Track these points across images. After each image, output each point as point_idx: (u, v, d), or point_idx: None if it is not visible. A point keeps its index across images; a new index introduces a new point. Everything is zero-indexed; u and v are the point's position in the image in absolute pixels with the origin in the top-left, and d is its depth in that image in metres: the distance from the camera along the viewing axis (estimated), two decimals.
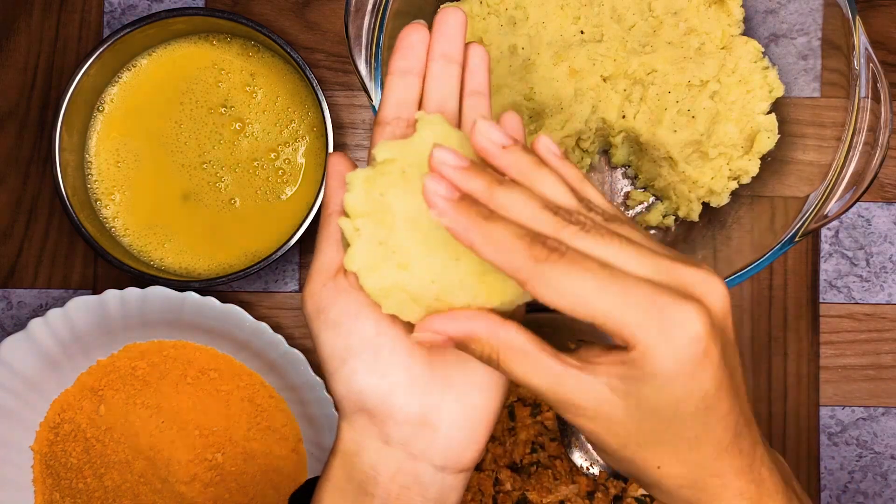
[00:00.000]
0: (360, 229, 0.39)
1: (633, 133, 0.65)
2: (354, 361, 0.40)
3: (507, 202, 0.36)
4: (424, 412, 0.41)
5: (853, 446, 0.71)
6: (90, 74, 0.65)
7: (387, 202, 0.38)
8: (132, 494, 0.67)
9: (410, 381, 0.41)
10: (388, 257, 0.38)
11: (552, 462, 0.67)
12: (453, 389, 0.41)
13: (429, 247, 0.38)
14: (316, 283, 0.42)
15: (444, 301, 0.38)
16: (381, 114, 0.44)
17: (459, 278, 0.38)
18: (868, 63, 0.56)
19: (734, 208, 0.66)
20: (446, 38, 0.45)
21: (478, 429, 0.42)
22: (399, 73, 0.45)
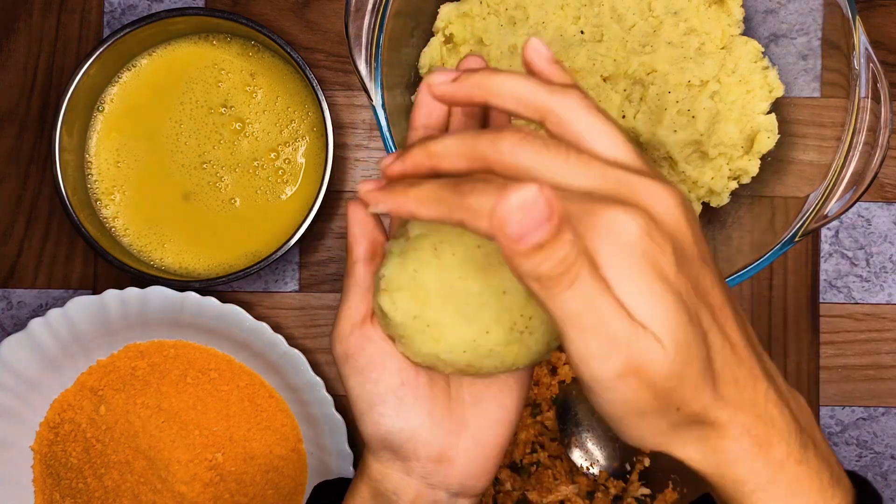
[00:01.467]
0: (398, 304, 0.41)
1: (633, 133, 0.65)
2: (381, 407, 0.43)
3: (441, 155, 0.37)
4: (443, 450, 0.44)
5: (853, 446, 0.71)
6: (90, 74, 0.65)
7: (420, 278, 0.41)
8: (132, 494, 0.67)
9: (432, 424, 0.43)
10: (423, 331, 0.41)
11: (552, 462, 0.67)
12: (469, 429, 0.44)
13: (460, 321, 0.41)
14: (344, 329, 0.44)
15: (474, 366, 0.42)
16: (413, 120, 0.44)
17: (489, 348, 0.41)
18: (868, 63, 0.56)
19: (734, 208, 0.66)
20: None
21: (490, 460, 0.45)
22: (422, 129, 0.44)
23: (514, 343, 0.42)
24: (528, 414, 0.68)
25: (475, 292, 0.41)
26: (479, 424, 0.44)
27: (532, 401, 0.68)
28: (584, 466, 0.67)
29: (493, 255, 0.42)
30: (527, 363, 0.43)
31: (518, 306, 0.41)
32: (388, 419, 0.43)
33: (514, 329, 0.42)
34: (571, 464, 0.67)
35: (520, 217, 0.30)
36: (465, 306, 0.41)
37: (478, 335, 0.41)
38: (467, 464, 0.44)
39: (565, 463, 0.67)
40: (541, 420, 0.68)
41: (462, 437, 0.44)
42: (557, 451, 0.68)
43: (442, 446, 0.44)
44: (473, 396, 0.45)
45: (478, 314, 0.41)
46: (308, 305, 0.71)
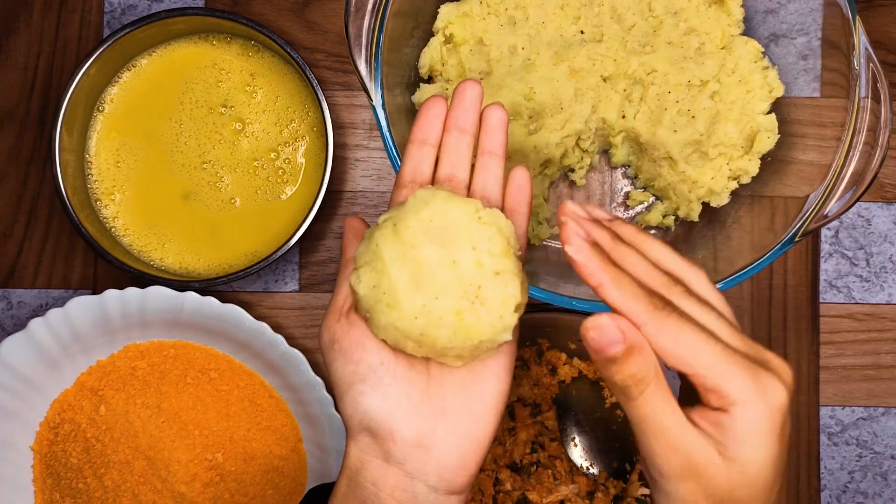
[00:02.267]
0: (361, 277, 0.45)
1: (633, 133, 0.65)
2: (360, 385, 0.45)
3: (627, 257, 0.42)
4: (420, 435, 0.45)
5: (853, 446, 0.71)
6: (90, 74, 0.65)
7: (379, 251, 0.45)
8: (132, 494, 0.67)
9: (409, 406, 0.45)
10: (381, 299, 0.45)
11: (552, 462, 0.67)
12: (448, 416, 0.46)
13: (413, 288, 0.44)
14: (332, 318, 0.47)
15: (428, 336, 0.44)
16: (400, 178, 0.51)
17: (439, 315, 0.44)
18: (868, 63, 0.56)
19: (734, 208, 0.66)
20: (462, 111, 0.50)
21: (469, 454, 0.46)
22: (417, 142, 0.51)
23: (464, 311, 0.44)
24: (528, 414, 0.68)
25: (426, 261, 0.44)
26: (457, 414, 0.46)
27: (532, 401, 0.68)
28: (584, 466, 0.67)
29: (447, 230, 0.45)
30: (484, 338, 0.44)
31: (468, 276, 0.44)
32: (367, 396, 0.45)
33: (464, 297, 0.44)
34: (571, 464, 0.67)
35: (595, 335, 0.38)
36: (417, 274, 0.44)
37: (427, 300, 0.44)
38: (445, 453, 0.45)
39: (565, 463, 0.67)
40: (541, 420, 0.68)
41: (440, 424, 0.45)
42: (557, 451, 0.68)
43: (419, 430, 0.45)
44: (452, 385, 0.46)
45: (429, 281, 0.44)
46: (308, 305, 0.71)
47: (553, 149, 0.65)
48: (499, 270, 0.45)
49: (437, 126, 0.51)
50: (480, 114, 0.51)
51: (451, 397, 0.46)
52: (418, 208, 0.46)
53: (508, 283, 0.45)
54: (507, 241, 0.45)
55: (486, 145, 0.51)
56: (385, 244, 0.45)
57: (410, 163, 0.51)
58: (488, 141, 0.51)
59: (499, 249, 0.45)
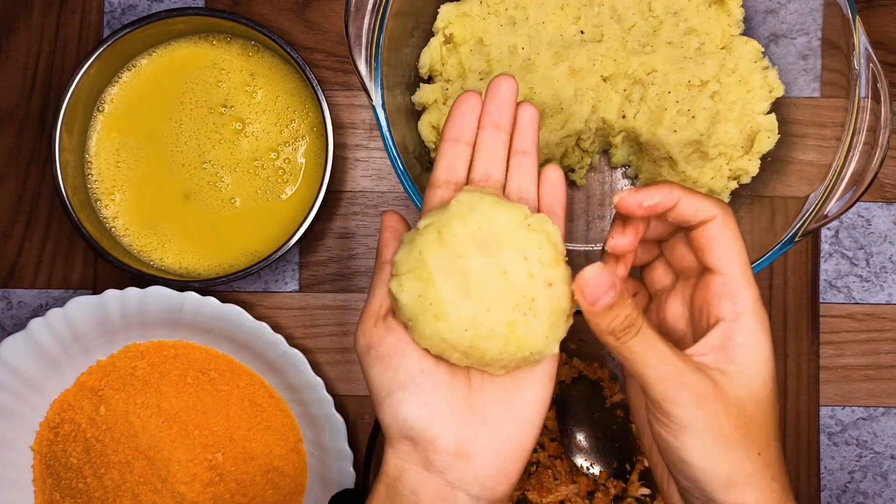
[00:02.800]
0: (404, 285, 0.43)
1: (633, 133, 0.65)
2: (400, 393, 0.44)
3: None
4: (461, 443, 0.44)
5: (853, 446, 0.71)
6: (90, 74, 0.65)
7: (424, 259, 0.43)
8: (132, 494, 0.67)
9: (450, 414, 0.44)
10: (426, 309, 0.43)
11: (552, 462, 0.67)
12: (489, 424, 0.45)
13: (462, 298, 0.42)
14: (368, 323, 0.46)
15: (478, 348, 0.43)
16: (434, 177, 0.49)
17: (490, 328, 0.42)
18: (868, 63, 0.56)
19: (734, 208, 0.66)
20: (497, 107, 0.49)
21: (510, 462, 0.45)
22: (451, 140, 0.49)
23: (516, 323, 0.42)
24: None
25: (475, 270, 0.42)
26: (499, 421, 0.45)
27: None
28: (584, 466, 0.67)
29: (494, 238, 0.43)
30: (533, 350, 0.43)
31: (520, 287, 0.42)
32: (407, 405, 0.44)
33: (516, 309, 0.42)
34: (571, 464, 0.67)
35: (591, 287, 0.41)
36: (465, 285, 0.42)
37: (478, 312, 0.42)
38: (487, 462, 0.44)
39: (565, 463, 0.67)
40: None
41: (482, 432, 0.44)
42: (557, 451, 0.68)
43: (460, 438, 0.44)
44: (493, 392, 0.45)
45: (478, 292, 0.42)
46: (308, 305, 0.71)
47: (553, 149, 0.65)
48: (551, 281, 0.43)
49: (471, 123, 0.49)
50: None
51: (492, 405, 0.45)
52: (464, 214, 0.44)
53: (561, 294, 0.43)
54: (555, 249, 0.44)
55: (518, 144, 0.49)
56: (430, 252, 0.43)
57: (444, 162, 0.49)
58: (521, 139, 0.49)
59: (549, 258, 0.43)
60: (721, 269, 0.45)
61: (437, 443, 0.44)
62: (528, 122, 0.49)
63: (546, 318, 0.43)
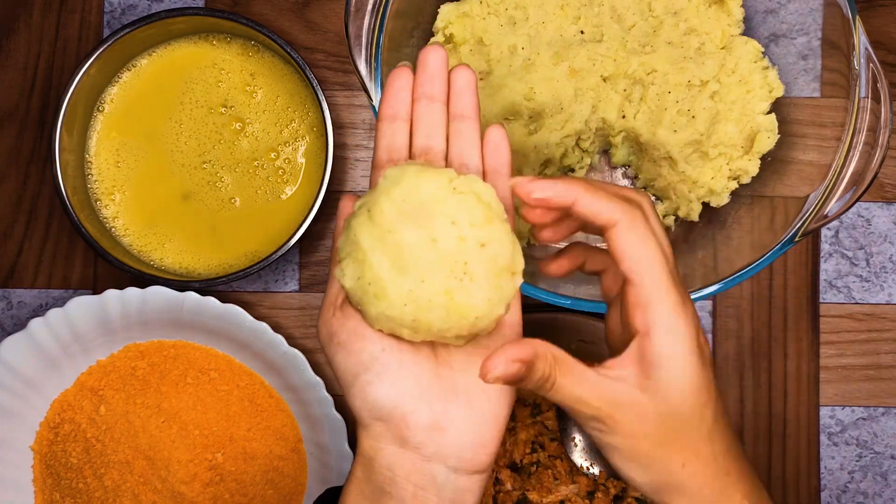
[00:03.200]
0: (345, 270, 0.44)
1: (633, 133, 0.65)
2: (366, 375, 0.44)
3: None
4: (434, 417, 0.44)
5: (853, 446, 0.71)
6: (90, 74, 0.65)
7: (357, 240, 0.43)
8: (132, 494, 0.67)
9: (419, 390, 0.44)
10: (367, 290, 0.43)
11: (552, 462, 0.67)
12: (460, 396, 0.44)
13: (397, 274, 0.42)
14: (327, 313, 0.46)
15: (422, 321, 0.42)
16: (376, 159, 0.48)
17: (428, 298, 0.42)
18: (868, 63, 0.56)
19: (734, 208, 0.66)
20: (428, 78, 0.48)
21: (487, 432, 0.45)
22: (387, 119, 0.48)
23: (453, 290, 0.42)
24: (528, 414, 0.68)
25: (406, 244, 0.42)
26: (470, 392, 0.45)
27: (532, 401, 0.68)
28: (584, 466, 0.67)
29: (422, 207, 0.42)
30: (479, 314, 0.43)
31: (451, 252, 0.42)
32: (374, 386, 0.44)
33: (451, 276, 0.42)
34: (571, 464, 0.67)
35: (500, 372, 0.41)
36: (399, 259, 0.42)
37: (413, 285, 0.42)
38: (462, 434, 0.44)
39: (565, 463, 0.67)
40: (541, 420, 0.68)
41: (454, 404, 0.44)
42: (557, 451, 0.68)
43: (433, 413, 0.44)
44: (461, 364, 0.45)
45: (412, 265, 0.42)
46: (308, 305, 0.71)
47: (553, 149, 0.65)
48: (484, 241, 0.42)
49: (405, 98, 0.48)
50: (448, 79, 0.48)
51: (461, 377, 0.45)
52: (389, 188, 0.43)
53: (497, 253, 0.43)
54: (488, 208, 0.43)
55: (456, 109, 0.48)
56: (362, 232, 0.43)
57: (384, 141, 0.48)
58: (458, 104, 0.48)
59: (480, 218, 0.42)
60: (632, 278, 0.42)
61: (409, 419, 0.44)
62: (465, 85, 0.48)
63: (484, 280, 0.42)
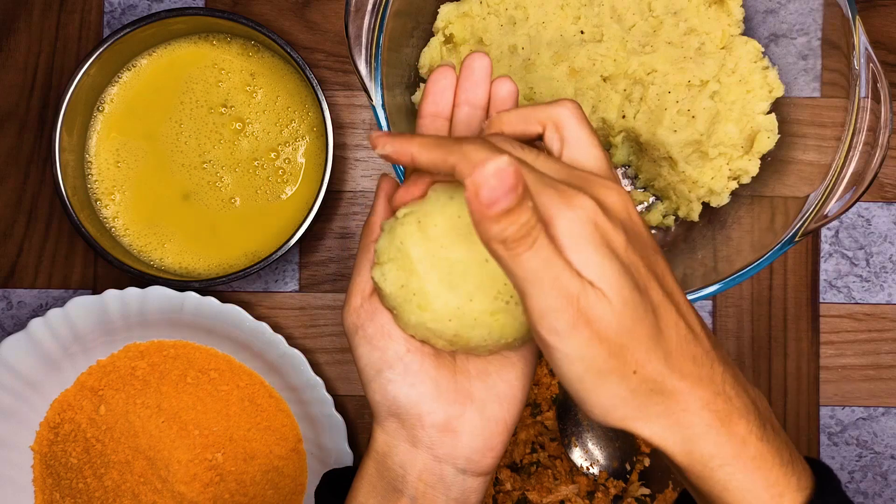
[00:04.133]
0: (386, 275, 0.44)
1: (633, 133, 0.65)
2: (388, 373, 0.45)
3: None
4: (448, 419, 0.45)
5: (853, 446, 0.71)
6: (90, 74, 0.65)
7: (405, 249, 0.43)
8: (132, 494, 0.67)
9: (437, 392, 0.45)
10: (409, 300, 0.43)
11: (552, 462, 0.67)
12: (475, 402, 0.46)
13: (444, 289, 0.43)
14: (355, 301, 0.46)
15: (462, 336, 0.43)
16: None
17: (474, 317, 0.43)
18: (868, 63, 0.56)
19: (734, 208, 0.66)
20: (472, 84, 0.48)
21: (495, 436, 0.46)
22: (430, 116, 0.48)
23: (499, 312, 0.43)
24: (528, 414, 0.68)
25: (457, 260, 0.43)
26: (484, 398, 0.46)
27: (532, 401, 0.68)
28: (584, 466, 0.67)
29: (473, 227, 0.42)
30: (517, 336, 0.44)
31: (501, 275, 0.43)
32: (395, 384, 0.45)
33: (498, 297, 0.43)
34: (571, 464, 0.67)
35: (494, 183, 0.34)
36: (448, 275, 0.43)
37: (462, 302, 0.43)
38: (473, 438, 0.45)
39: (565, 463, 0.67)
40: (541, 420, 0.68)
41: (467, 408, 0.45)
42: (557, 451, 0.68)
43: (447, 415, 0.45)
44: (478, 370, 0.46)
45: (461, 282, 0.43)
46: (308, 305, 0.71)
47: None
48: None
49: (448, 98, 0.48)
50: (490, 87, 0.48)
51: (477, 384, 0.46)
52: (443, 203, 0.43)
53: None
54: None
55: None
56: (411, 242, 0.43)
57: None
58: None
59: None
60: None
61: (425, 420, 0.45)
62: (508, 96, 0.48)
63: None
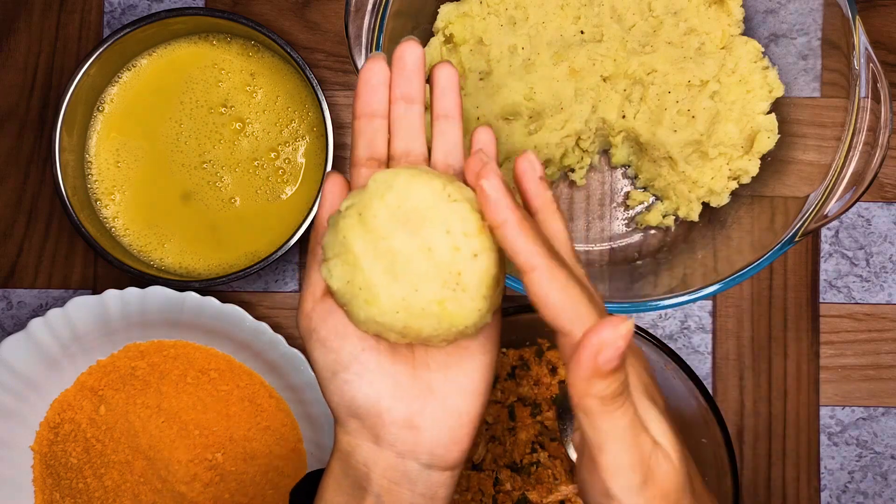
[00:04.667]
0: (332, 271, 0.43)
1: (633, 133, 0.65)
2: (344, 374, 0.44)
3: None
4: (410, 416, 0.44)
5: (853, 446, 0.71)
6: (90, 74, 0.65)
7: (348, 243, 0.42)
8: (132, 494, 0.67)
9: (396, 389, 0.44)
10: (356, 294, 0.42)
11: (552, 462, 0.67)
12: (436, 395, 0.45)
13: (390, 281, 0.42)
14: (307, 305, 0.45)
15: (412, 328, 0.43)
16: (354, 157, 0.47)
17: (421, 307, 0.42)
18: (868, 63, 0.56)
19: (734, 208, 0.66)
20: (405, 78, 0.46)
21: (459, 430, 0.45)
22: (365, 117, 0.47)
23: (447, 301, 0.42)
24: (528, 414, 0.68)
25: (400, 251, 0.42)
26: (446, 391, 0.45)
27: (532, 401, 0.68)
28: None
29: (415, 213, 0.42)
30: (468, 323, 0.43)
31: (446, 262, 0.42)
32: (352, 385, 0.44)
33: (444, 286, 0.42)
34: (571, 464, 0.67)
35: (621, 344, 0.36)
36: (392, 266, 0.42)
37: (407, 293, 0.42)
38: (436, 432, 0.44)
39: (565, 463, 0.67)
40: (541, 420, 0.68)
41: (429, 403, 0.44)
42: (557, 451, 0.68)
43: (409, 411, 0.44)
44: (438, 363, 0.45)
45: (405, 272, 0.42)
46: None
47: (553, 149, 0.65)
48: (476, 252, 0.42)
49: (382, 94, 0.46)
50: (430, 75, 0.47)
51: (437, 376, 0.45)
52: (382, 193, 0.42)
53: (489, 263, 0.42)
54: (479, 217, 0.43)
55: (439, 108, 0.47)
56: (353, 235, 0.42)
57: (363, 139, 0.47)
58: (441, 104, 0.46)
59: (473, 228, 0.42)
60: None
61: (385, 417, 0.44)
62: (448, 84, 0.46)
63: (476, 290, 0.42)
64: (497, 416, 0.68)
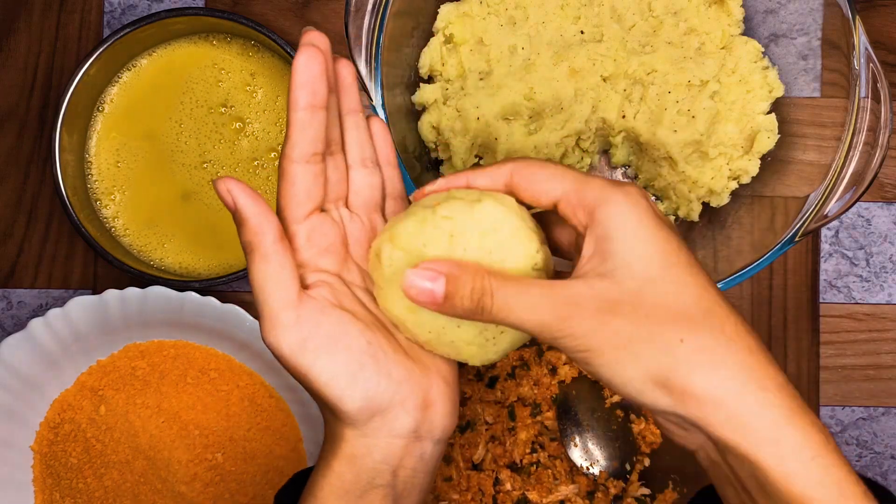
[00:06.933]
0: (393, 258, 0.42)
1: (633, 133, 0.65)
2: (363, 373, 0.42)
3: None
4: (425, 394, 0.44)
5: (853, 446, 0.71)
6: (90, 74, 0.65)
7: (424, 254, 0.42)
8: (132, 494, 0.67)
9: (409, 374, 0.44)
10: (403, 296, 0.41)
11: (552, 462, 0.67)
12: (431, 369, 0.45)
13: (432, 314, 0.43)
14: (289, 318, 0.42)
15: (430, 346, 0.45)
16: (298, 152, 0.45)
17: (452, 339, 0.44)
18: (868, 63, 0.56)
19: (734, 208, 0.66)
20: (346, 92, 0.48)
21: (454, 398, 0.46)
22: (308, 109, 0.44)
23: (475, 346, 0.44)
24: (528, 414, 0.68)
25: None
26: (437, 364, 0.46)
27: (532, 401, 0.68)
28: (584, 466, 0.67)
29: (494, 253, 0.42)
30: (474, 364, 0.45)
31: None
32: (372, 383, 0.42)
33: (482, 334, 0.43)
34: (571, 464, 0.67)
35: (416, 291, 0.40)
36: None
37: (448, 324, 0.43)
38: (444, 404, 0.45)
39: (565, 463, 0.67)
40: (541, 420, 0.68)
41: (431, 378, 0.45)
42: (557, 451, 0.68)
43: (424, 390, 0.44)
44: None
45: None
46: None
47: (553, 149, 0.65)
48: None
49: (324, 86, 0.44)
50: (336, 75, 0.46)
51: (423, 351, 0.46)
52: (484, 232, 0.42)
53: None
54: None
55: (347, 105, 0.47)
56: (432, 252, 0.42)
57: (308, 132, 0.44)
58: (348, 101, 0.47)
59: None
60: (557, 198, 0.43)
61: (409, 403, 0.44)
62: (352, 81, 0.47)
63: (502, 348, 0.44)
64: (497, 416, 0.68)
